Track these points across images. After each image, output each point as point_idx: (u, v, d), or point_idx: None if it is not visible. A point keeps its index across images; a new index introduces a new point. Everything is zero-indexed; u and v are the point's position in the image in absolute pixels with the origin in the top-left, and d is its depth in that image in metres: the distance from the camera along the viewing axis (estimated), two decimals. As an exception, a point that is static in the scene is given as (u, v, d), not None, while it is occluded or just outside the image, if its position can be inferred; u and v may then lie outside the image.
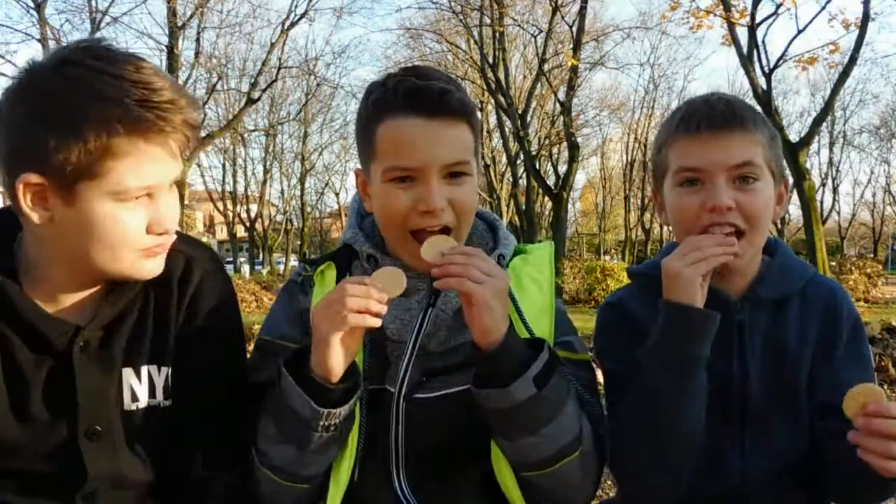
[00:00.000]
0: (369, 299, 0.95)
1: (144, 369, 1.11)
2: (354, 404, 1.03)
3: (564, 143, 22.82)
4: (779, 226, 44.37)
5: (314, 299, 1.13)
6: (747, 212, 1.07)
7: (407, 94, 1.02)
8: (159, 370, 1.12)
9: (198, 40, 23.61)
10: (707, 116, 1.09)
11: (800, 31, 11.96)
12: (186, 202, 28.36)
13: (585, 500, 1.10)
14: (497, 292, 0.98)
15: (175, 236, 1.09)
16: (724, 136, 1.07)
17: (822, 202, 37.57)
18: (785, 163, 1.20)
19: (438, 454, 1.08)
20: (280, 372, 1.01)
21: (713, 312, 1.05)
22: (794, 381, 1.15)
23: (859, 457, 0.95)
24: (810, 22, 12.18)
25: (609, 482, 2.84)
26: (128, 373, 1.10)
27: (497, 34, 20.03)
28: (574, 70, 18.87)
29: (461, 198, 1.06)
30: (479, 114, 1.09)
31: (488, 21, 19.92)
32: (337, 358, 0.97)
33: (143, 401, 1.11)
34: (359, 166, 1.15)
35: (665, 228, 46.73)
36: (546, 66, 20.75)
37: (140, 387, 1.10)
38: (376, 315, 0.97)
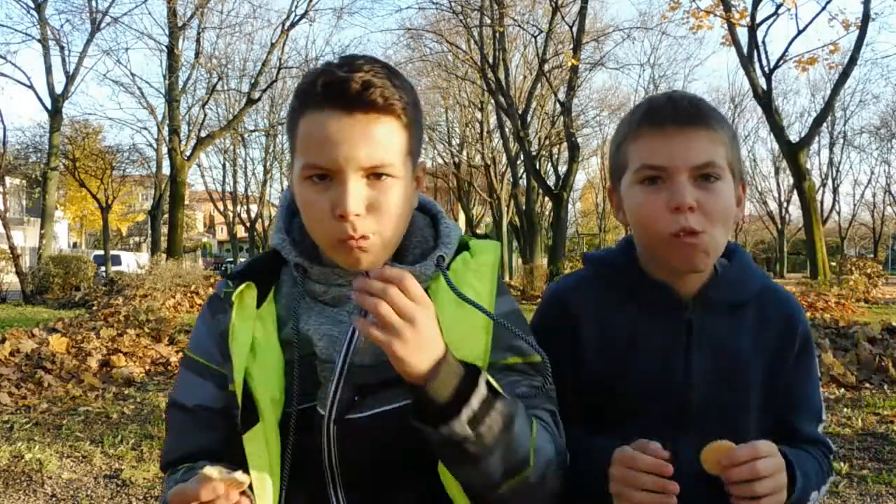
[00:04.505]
0: None
1: None
2: None
3: (564, 144, 22.86)
4: (779, 226, 44.45)
5: (233, 322, 1.04)
6: (708, 211, 1.05)
7: (327, 86, 0.94)
8: None
9: (198, 40, 23.71)
10: (672, 113, 1.07)
11: (800, 32, 11.98)
12: (186, 202, 28.35)
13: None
14: (407, 344, 0.84)
15: None
16: (688, 133, 1.06)
17: (822, 202, 37.62)
18: (743, 166, 1.17)
19: (378, 473, 1.01)
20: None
21: None
22: (742, 388, 1.13)
23: None
24: (810, 22, 12.22)
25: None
26: None
27: (497, 34, 20.07)
28: (574, 70, 18.91)
29: (382, 202, 0.96)
30: (419, 109, 1.00)
31: (488, 21, 19.96)
32: None
33: None
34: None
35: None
36: (546, 67, 20.79)
37: None
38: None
